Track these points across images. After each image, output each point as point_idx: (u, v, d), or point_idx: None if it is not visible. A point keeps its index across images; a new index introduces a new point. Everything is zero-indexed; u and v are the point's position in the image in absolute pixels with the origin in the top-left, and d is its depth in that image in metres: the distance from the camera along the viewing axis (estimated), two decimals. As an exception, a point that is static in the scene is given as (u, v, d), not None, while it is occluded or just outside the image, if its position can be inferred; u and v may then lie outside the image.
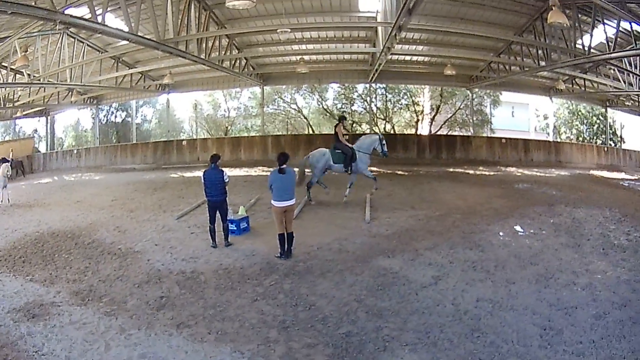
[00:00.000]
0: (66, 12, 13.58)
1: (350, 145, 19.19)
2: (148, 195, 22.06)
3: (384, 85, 42.25)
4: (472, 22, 22.49)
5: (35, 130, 46.79)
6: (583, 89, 34.00)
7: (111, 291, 10.95)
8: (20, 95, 31.25)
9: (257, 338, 8.77)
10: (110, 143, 43.87)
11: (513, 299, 10.19)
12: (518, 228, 15.84)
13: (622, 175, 32.69)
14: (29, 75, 23.19)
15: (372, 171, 21.12)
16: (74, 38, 23.41)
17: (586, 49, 19.60)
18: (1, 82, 23.85)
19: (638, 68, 23.26)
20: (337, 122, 20.07)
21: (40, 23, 17.48)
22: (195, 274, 11.86)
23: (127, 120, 47.42)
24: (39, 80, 23.86)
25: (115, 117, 48.77)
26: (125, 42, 20.20)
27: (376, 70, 30.09)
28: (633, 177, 31.53)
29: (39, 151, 42.31)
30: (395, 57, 30.29)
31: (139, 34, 16.88)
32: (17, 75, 23.99)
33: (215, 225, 14.02)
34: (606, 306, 9.85)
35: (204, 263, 12.65)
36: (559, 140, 42.94)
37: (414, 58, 32.65)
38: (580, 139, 45.94)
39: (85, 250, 14.09)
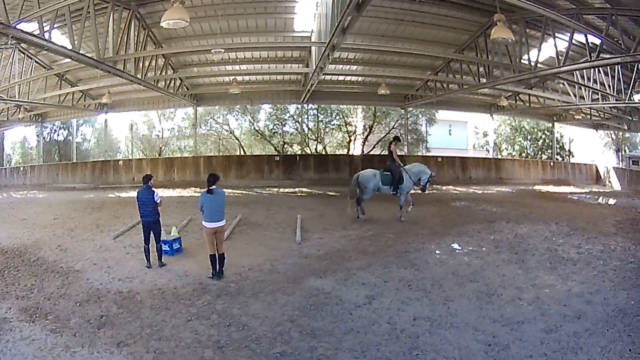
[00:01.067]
0: (18, 26, 13.53)
1: (402, 165, 19.90)
2: (87, 214, 22.08)
3: (316, 106, 43.01)
4: (410, 40, 23.06)
5: (-17, 146, 46.53)
6: (527, 104, 34.67)
7: (55, 309, 11.01)
8: (-34, 110, 30.66)
9: (193, 357, 8.91)
10: (53, 161, 43.84)
11: (452, 317, 10.40)
12: (455, 246, 16.27)
13: (570, 189, 33.32)
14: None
15: (302, 192, 21.75)
16: (24, 53, 23.58)
17: (532, 64, 19.93)
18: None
19: (591, 81, 23.62)
20: (392, 142, 20.69)
21: (-7, 37, 17.38)
22: (132, 294, 11.97)
23: (69, 138, 47.07)
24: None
25: (58, 135, 48.65)
26: (68, 59, 20.14)
27: (308, 90, 30.37)
28: (583, 190, 32.12)
29: (-12, 167, 41.71)
30: (328, 77, 31.03)
31: (82, 51, 17.11)
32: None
33: (150, 245, 14.20)
34: (557, 320, 10.18)
35: (140, 283, 12.80)
36: (499, 157, 43.71)
37: (348, 78, 33.07)
38: (524, 154, 46.88)
39: (31, 267, 14.12)
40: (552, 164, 41.32)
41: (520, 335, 9.43)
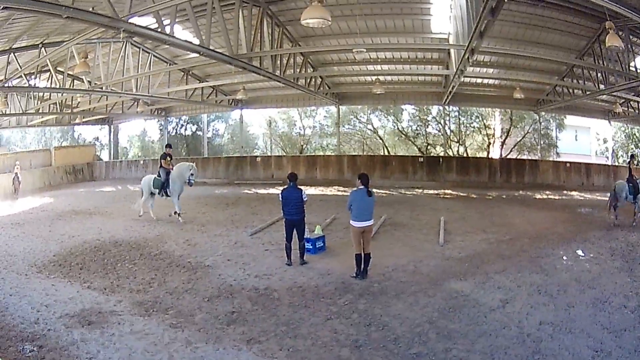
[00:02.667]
0: (130, 20, 13.37)
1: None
2: (220, 209, 22.12)
3: (457, 108, 42.38)
4: (537, 44, 22.48)
5: (97, 138, 47.91)
6: (637, 111, 33.49)
7: (178, 304, 10.95)
8: (79, 102, 31.44)
9: (329, 356, 8.69)
10: (180, 156, 43.86)
11: (572, 322, 10.12)
12: (580, 252, 15.89)
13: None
14: (89, 82, 23.02)
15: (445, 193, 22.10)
16: (139, 48, 23.56)
17: (639, 71, 19.46)
18: (58, 87, 23.72)
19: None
20: (629, 160, 21.53)
21: (101, 30, 17.14)
22: (269, 291, 11.83)
23: (198, 133, 47.79)
24: (101, 88, 23.84)
25: (185, 129, 49.36)
26: (194, 55, 19.99)
27: (450, 92, 29.82)
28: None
29: (101, 159, 42.75)
30: (467, 79, 30.08)
31: (210, 47, 16.68)
32: (75, 81, 24.25)
33: (292, 243, 14.00)
34: (651, 329, 9.83)
35: (278, 280, 12.66)
36: (617, 164, 42.02)
37: (485, 81, 32.58)
38: (636, 162, 45.48)
39: (151, 261, 14.20)
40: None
41: (621, 343, 9.10)
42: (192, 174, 20.02)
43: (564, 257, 15.18)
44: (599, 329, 9.74)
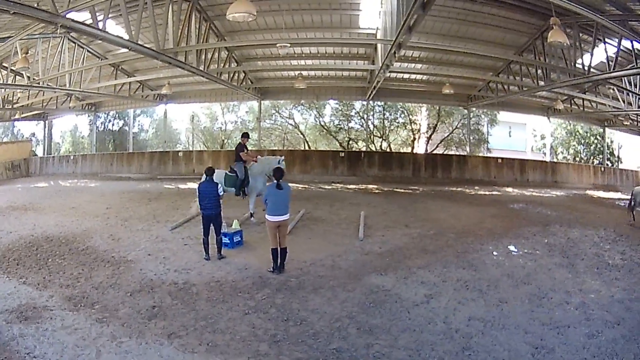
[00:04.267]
0: (67, 16, 13.45)
1: None
2: (142, 205, 22.03)
3: (382, 103, 42.56)
4: (473, 40, 22.70)
5: (33, 134, 46.94)
6: (581, 108, 34.04)
7: (103, 298, 10.98)
8: (19, 98, 31.12)
9: (247, 351, 8.80)
10: (107, 151, 44.09)
11: (505, 318, 10.28)
12: (512, 248, 16.00)
13: (618, 195, 32.67)
14: (28, 77, 23.23)
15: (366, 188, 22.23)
16: (75, 43, 23.46)
17: (586, 68, 19.67)
18: (1, 82, 23.83)
19: (638, 87, 23.29)
20: None
21: (42, 26, 17.35)
22: (188, 285, 11.91)
23: (125, 128, 47.29)
24: (39, 83, 23.85)
25: (113, 125, 48.81)
26: (124, 50, 19.95)
27: (374, 87, 29.96)
28: (629, 197, 31.68)
29: (36, 155, 42.30)
30: (393, 74, 30.56)
31: (139, 42, 16.92)
32: (17, 76, 24.00)
33: (209, 237, 14.07)
34: (599, 325, 10.02)
35: (197, 275, 12.71)
36: (555, 160, 42.80)
37: (413, 76, 32.74)
38: (577, 159, 46.11)
39: (78, 256, 14.14)
40: (602, 169, 40.71)
41: (565, 340, 9.37)
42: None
43: (494, 253, 15.35)
44: (537, 325, 9.98)
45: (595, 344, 9.23)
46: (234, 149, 20.50)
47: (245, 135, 20.31)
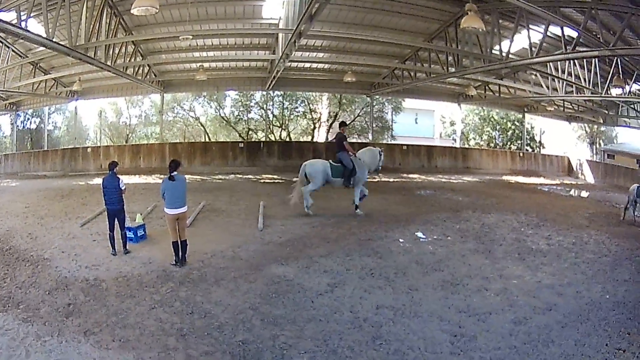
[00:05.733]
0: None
1: None
2: (56, 202, 21.94)
3: (282, 93, 43.23)
4: (379, 28, 23.14)
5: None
6: (497, 95, 34.65)
7: (26, 298, 11.03)
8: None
9: (157, 345, 8.99)
10: (26, 149, 43.41)
11: (417, 306, 10.60)
12: (420, 234, 16.54)
13: (540, 180, 33.41)
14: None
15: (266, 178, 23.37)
16: (2, 43, 23.32)
17: (504, 54, 20.01)
18: None
19: (565, 73, 23.64)
20: None
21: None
22: (98, 282, 12.04)
23: (41, 126, 46.69)
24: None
25: (31, 123, 48.15)
26: (42, 47, 19.91)
27: (274, 77, 30.59)
28: (554, 182, 32.13)
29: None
30: (294, 64, 30.94)
31: (55, 39, 16.98)
32: None
33: (114, 232, 14.24)
34: (526, 311, 10.39)
35: (105, 271, 12.85)
36: (467, 146, 43.96)
37: (314, 65, 33.28)
38: (492, 144, 47.19)
39: (3, 256, 14.07)
40: (521, 154, 41.68)
41: (487, 327, 9.59)
42: (381, 160, 19.89)
43: (400, 240, 15.75)
44: (453, 313, 10.29)
45: (524, 330, 9.49)
46: (137, 143, 20.79)
47: (343, 124, 21.06)
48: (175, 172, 13.23)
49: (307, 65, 33.18)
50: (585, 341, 9.12)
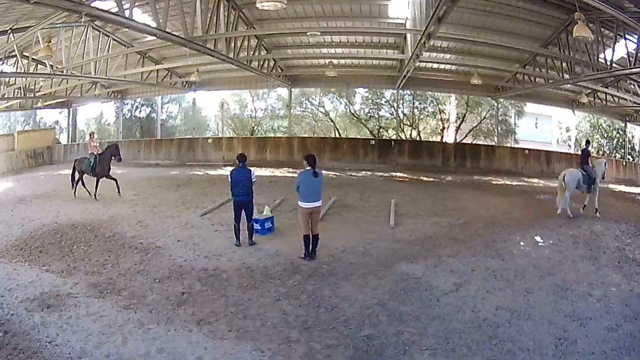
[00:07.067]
0: (92, 4, 13.43)
1: None
2: (171, 191, 22.00)
3: (411, 92, 42.43)
4: (499, 32, 22.48)
5: (57, 122, 46.93)
6: (604, 102, 33.70)
7: (131, 285, 10.96)
8: (41, 86, 31.15)
9: (278, 337, 8.77)
10: (134, 138, 44.04)
11: (531, 309, 10.24)
12: (538, 239, 15.89)
13: (639, 190, 32.54)
14: (51, 66, 23.05)
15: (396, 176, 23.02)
16: (99, 31, 23.38)
17: (608, 63, 19.44)
18: (23, 71, 23.50)
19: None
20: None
21: (65, 14, 17.47)
22: (218, 272, 11.87)
23: (152, 115, 47.29)
24: (62, 71, 23.79)
25: (140, 112, 48.70)
26: (151, 37, 20.22)
27: (404, 76, 29.88)
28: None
29: (60, 142, 42.29)
30: (423, 64, 30.14)
31: (167, 30, 16.75)
32: (38, 65, 24.06)
33: (240, 224, 14.05)
34: (619, 319, 9.88)
35: (227, 261, 12.70)
36: (580, 153, 42.64)
37: (441, 66, 32.64)
38: (601, 152, 45.47)
39: (105, 243, 14.12)
40: (624, 163, 40.14)
41: (587, 332, 9.26)
42: (605, 169, 20.94)
43: (521, 243, 15.27)
44: (561, 317, 9.88)
45: (615, 337, 9.11)
46: (264, 136, 20.80)
47: (587, 143, 23.01)
48: (311, 167, 12.85)
49: (435, 65, 32.52)
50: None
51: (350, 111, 45.53)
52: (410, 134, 44.04)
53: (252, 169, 14.37)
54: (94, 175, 20.95)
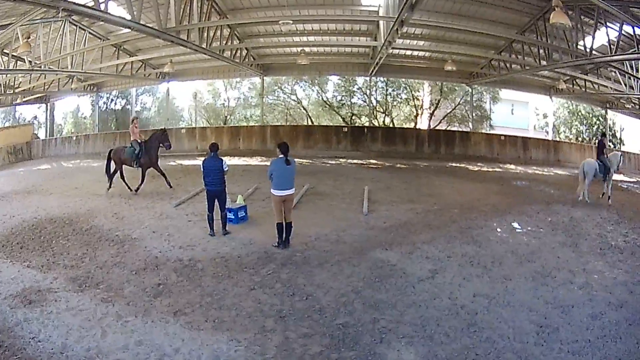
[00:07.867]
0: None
1: None
2: (146, 182, 21.40)
3: (384, 79, 42.20)
4: (475, 19, 22.50)
5: (35, 117, 46.46)
6: (583, 89, 33.86)
7: (108, 278, 10.99)
8: (20, 82, 31.02)
9: (253, 327, 8.86)
10: (110, 130, 43.90)
11: (510, 296, 10.34)
12: (516, 225, 15.96)
13: (620, 177, 32.60)
14: (30, 62, 23.00)
15: (370, 163, 23.04)
16: (76, 25, 23.24)
17: (587, 50, 19.53)
18: (2, 68, 23.57)
19: (639, 71, 23.24)
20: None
21: (43, 10, 17.52)
22: (193, 262, 11.91)
23: (127, 107, 47.00)
24: (40, 67, 23.71)
25: (115, 104, 48.31)
26: (126, 30, 20.21)
27: (377, 63, 29.89)
28: (631, 180, 31.43)
29: (38, 137, 41.86)
30: (396, 51, 30.46)
31: (141, 22, 16.85)
32: (18, 62, 23.93)
33: (214, 213, 14.06)
34: (602, 306, 10.00)
35: (202, 251, 12.73)
36: (558, 139, 42.87)
37: (415, 53, 32.56)
38: (580, 139, 45.80)
39: (83, 236, 14.06)
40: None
41: (569, 319, 9.40)
42: (621, 161, 21.99)
43: (498, 229, 15.40)
44: (541, 304, 10.04)
45: (599, 325, 9.24)
46: (237, 125, 20.68)
47: (603, 135, 23.32)
48: (284, 155, 12.85)
49: (408, 52, 32.49)
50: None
51: (322, 99, 45.44)
52: (384, 121, 44.13)
53: (223, 158, 14.50)
54: (138, 166, 20.52)
